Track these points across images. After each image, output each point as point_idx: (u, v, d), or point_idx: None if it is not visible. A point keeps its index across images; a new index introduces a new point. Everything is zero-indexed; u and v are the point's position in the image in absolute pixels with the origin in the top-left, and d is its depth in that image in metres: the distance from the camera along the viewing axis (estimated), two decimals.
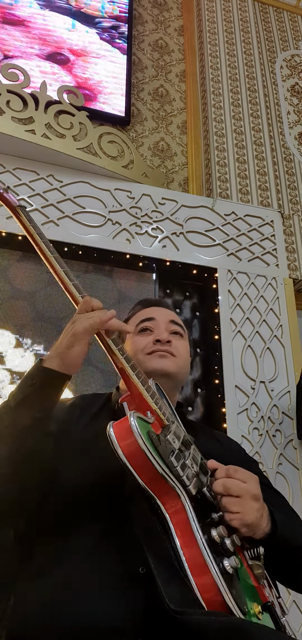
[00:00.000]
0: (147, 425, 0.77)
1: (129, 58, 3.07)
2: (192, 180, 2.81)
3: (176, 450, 0.79)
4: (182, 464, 0.77)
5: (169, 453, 0.77)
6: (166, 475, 0.73)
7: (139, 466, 0.72)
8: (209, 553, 0.68)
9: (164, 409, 0.88)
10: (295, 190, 2.89)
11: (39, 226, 1.03)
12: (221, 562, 0.69)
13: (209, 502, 0.79)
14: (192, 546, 0.69)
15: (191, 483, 0.76)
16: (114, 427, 0.74)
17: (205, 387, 2.29)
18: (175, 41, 3.34)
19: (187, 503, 0.73)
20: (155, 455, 0.72)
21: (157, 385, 0.97)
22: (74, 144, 2.44)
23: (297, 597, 1.88)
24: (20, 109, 2.41)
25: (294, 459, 2.13)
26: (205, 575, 0.67)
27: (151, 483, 0.73)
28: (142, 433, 0.72)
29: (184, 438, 0.86)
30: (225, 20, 3.26)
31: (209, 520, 0.75)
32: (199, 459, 0.85)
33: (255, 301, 2.40)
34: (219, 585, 0.66)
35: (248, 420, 2.14)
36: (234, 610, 0.65)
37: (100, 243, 2.33)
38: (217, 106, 2.92)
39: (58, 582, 0.74)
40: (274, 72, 3.30)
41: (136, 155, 2.62)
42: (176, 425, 0.87)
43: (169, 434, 0.81)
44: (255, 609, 0.71)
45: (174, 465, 0.75)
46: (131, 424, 0.73)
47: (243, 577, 0.75)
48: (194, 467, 0.81)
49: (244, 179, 2.75)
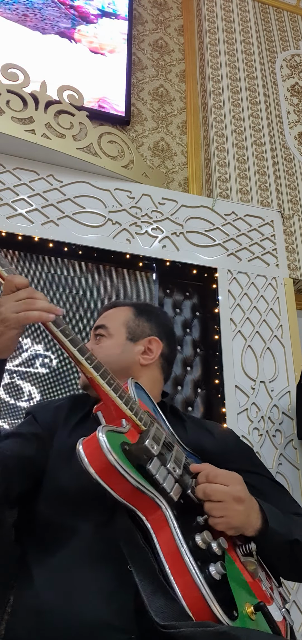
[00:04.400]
0: (120, 436, 0.75)
1: (129, 58, 3.06)
2: (192, 180, 2.81)
3: (154, 457, 0.76)
4: (162, 471, 0.75)
5: (146, 462, 0.74)
6: (143, 488, 0.71)
7: (114, 482, 0.70)
8: (193, 562, 0.66)
9: (141, 413, 0.85)
10: (295, 190, 2.89)
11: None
12: (207, 569, 0.67)
13: (194, 504, 0.78)
14: (175, 557, 0.68)
15: (172, 489, 0.74)
16: (83, 445, 0.72)
17: (205, 387, 2.29)
18: (175, 41, 3.34)
19: (168, 512, 0.71)
20: (128, 469, 0.70)
21: (137, 384, 0.94)
22: (74, 143, 2.44)
23: (298, 597, 1.88)
24: (20, 109, 2.41)
25: (294, 459, 2.13)
26: (190, 585, 0.65)
27: (128, 497, 0.71)
28: (113, 448, 0.69)
29: (165, 440, 0.83)
30: (225, 20, 3.26)
31: (195, 524, 0.74)
32: (183, 459, 0.83)
33: (255, 301, 2.40)
34: (204, 594, 0.64)
35: (248, 420, 2.14)
36: (221, 618, 0.63)
37: (100, 243, 2.33)
38: (217, 106, 2.92)
39: (50, 582, 0.75)
40: (274, 72, 3.30)
41: (136, 155, 2.62)
42: (157, 428, 0.85)
43: (147, 440, 0.78)
44: (247, 609, 0.70)
45: (152, 474, 0.73)
46: (99, 440, 0.70)
47: (235, 577, 0.73)
48: (176, 471, 0.78)
49: (244, 179, 2.75)
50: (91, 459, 0.70)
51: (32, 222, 2.26)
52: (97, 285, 2.37)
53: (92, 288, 2.35)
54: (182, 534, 0.69)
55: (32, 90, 2.50)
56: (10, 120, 2.34)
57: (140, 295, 2.41)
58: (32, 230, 2.24)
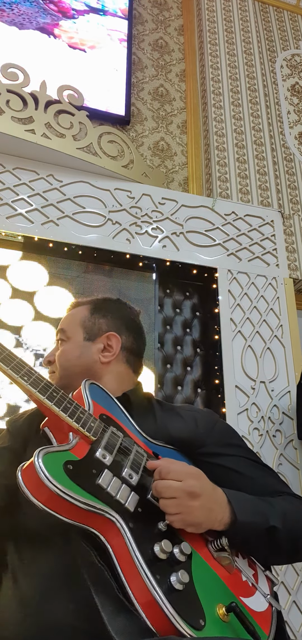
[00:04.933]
0: (63, 456, 0.71)
1: (129, 57, 3.06)
2: (192, 180, 2.81)
3: (106, 469, 0.73)
4: (115, 482, 0.72)
5: (95, 477, 0.71)
6: (92, 508, 0.67)
7: (61, 508, 0.66)
8: (150, 576, 0.63)
9: (91, 421, 0.79)
10: (295, 190, 2.89)
11: None
12: (168, 579, 0.65)
13: (156, 509, 0.74)
14: (132, 572, 0.65)
15: (127, 500, 0.71)
16: (22, 473, 0.67)
17: (205, 387, 2.29)
18: (175, 41, 3.33)
19: (122, 527, 0.68)
20: (73, 492, 0.66)
21: (93, 385, 0.90)
22: (74, 143, 2.44)
23: (297, 597, 1.88)
24: (20, 109, 2.41)
25: (294, 459, 2.12)
26: (149, 600, 0.63)
27: (80, 519, 0.68)
28: (53, 473, 0.65)
29: (121, 444, 0.80)
30: (225, 20, 3.26)
31: (156, 532, 0.71)
32: (143, 461, 0.80)
33: (255, 301, 2.40)
34: (163, 608, 0.61)
35: (248, 421, 2.14)
36: (183, 631, 0.61)
37: (100, 243, 2.33)
38: (217, 106, 2.92)
39: (25, 589, 0.75)
40: (274, 71, 3.30)
41: (136, 155, 2.62)
42: (111, 433, 0.81)
43: (98, 450, 0.75)
44: (219, 611, 0.67)
45: (104, 489, 0.70)
46: (36, 467, 0.65)
47: (205, 578, 0.71)
48: (133, 477, 0.75)
49: (244, 178, 2.75)
50: (33, 489, 0.66)
51: (32, 222, 2.25)
52: (97, 285, 2.37)
53: (92, 288, 2.35)
54: (139, 547, 0.66)
55: (32, 90, 2.50)
56: (10, 120, 2.34)
57: (141, 295, 2.41)
58: (32, 230, 2.23)
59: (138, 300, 2.39)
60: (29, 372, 0.82)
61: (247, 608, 0.72)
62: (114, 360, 1.02)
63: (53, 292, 2.28)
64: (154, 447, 0.88)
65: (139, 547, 0.66)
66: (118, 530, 0.68)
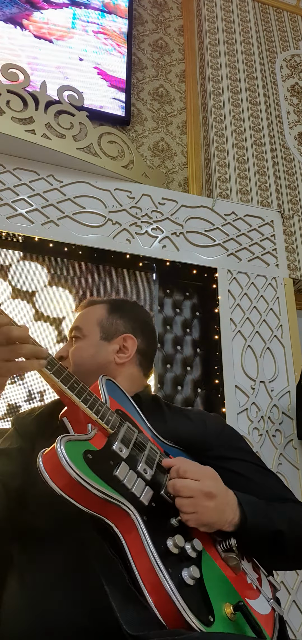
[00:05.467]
0: (83, 445, 0.72)
1: (129, 58, 3.07)
2: (192, 180, 2.81)
3: (123, 461, 0.74)
4: (131, 475, 0.73)
5: (113, 468, 0.72)
6: (108, 498, 0.68)
7: (79, 496, 0.67)
8: (163, 569, 0.65)
9: (109, 414, 0.81)
10: (295, 190, 2.89)
11: None
12: (179, 574, 0.66)
13: (168, 505, 0.76)
14: (146, 564, 0.66)
15: (142, 494, 0.72)
16: (43, 458, 0.68)
17: (205, 387, 2.29)
18: (175, 41, 3.34)
19: (137, 519, 0.69)
20: (92, 480, 0.67)
21: (109, 381, 0.91)
22: (74, 144, 2.44)
23: (297, 597, 1.89)
24: (20, 109, 2.41)
25: (294, 459, 2.13)
26: (161, 593, 0.64)
27: (96, 508, 0.69)
28: (74, 460, 0.67)
29: (136, 440, 0.81)
30: (225, 20, 3.26)
31: (169, 527, 0.72)
32: (157, 457, 0.81)
33: (255, 301, 2.40)
34: (175, 602, 0.62)
35: (248, 420, 2.14)
36: (194, 625, 0.62)
37: (100, 243, 2.33)
38: (217, 106, 2.92)
39: (33, 589, 0.75)
40: (274, 72, 3.30)
41: (136, 155, 2.62)
42: (127, 428, 0.82)
43: (115, 443, 0.76)
44: (226, 609, 0.68)
45: (120, 481, 0.71)
46: (58, 453, 0.66)
47: (214, 577, 0.72)
48: (148, 472, 0.76)
49: (244, 179, 2.75)
50: (53, 474, 0.67)
51: (32, 222, 2.26)
52: (97, 285, 2.38)
53: (92, 288, 2.35)
54: (153, 539, 0.67)
55: (32, 90, 2.50)
56: (11, 120, 2.34)
57: (140, 295, 2.41)
58: (32, 230, 2.24)
59: (138, 300, 2.37)
60: (51, 361, 0.83)
61: (251, 609, 0.73)
62: (128, 362, 1.03)
63: (53, 292, 2.29)
64: (165, 447, 0.90)
65: (153, 539, 0.67)
66: (132, 522, 0.69)
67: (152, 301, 2.41)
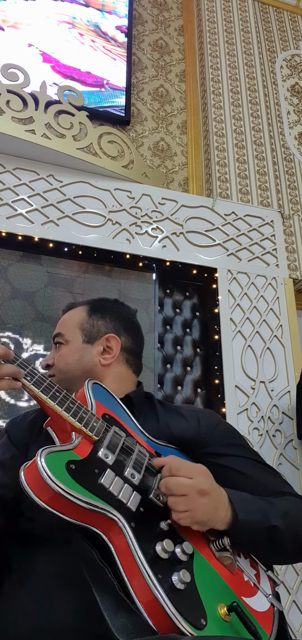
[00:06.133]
0: (66, 455, 0.71)
1: (129, 58, 3.07)
2: (192, 180, 2.81)
3: (108, 468, 0.73)
4: (117, 482, 0.72)
5: (98, 477, 0.71)
6: (94, 507, 0.67)
7: (63, 507, 0.66)
8: (152, 575, 0.64)
9: (94, 420, 0.80)
10: (295, 190, 2.89)
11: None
12: (169, 579, 0.65)
13: (158, 508, 0.75)
14: (134, 571, 0.65)
15: (129, 500, 0.71)
16: (25, 473, 0.67)
17: (205, 387, 2.29)
18: (175, 41, 3.34)
19: (124, 526, 0.68)
20: (75, 491, 0.66)
21: (96, 385, 0.90)
22: (74, 144, 2.44)
23: (297, 597, 1.88)
24: (20, 109, 2.41)
25: (294, 459, 2.13)
26: (150, 599, 0.63)
27: (82, 518, 0.68)
28: (56, 472, 0.65)
29: (123, 444, 0.80)
30: (225, 20, 3.26)
31: (158, 531, 0.71)
32: (146, 461, 0.80)
33: (255, 301, 2.40)
34: (165, 607, 0.62)
35: (248, 420, 2.14)
36: (185, 630, 0.61)
37: (100, 243, 2.33)
38: (217, 106, 2.92)
39: (28, 592, 0.75)
40: (274, 72, 3.30)
41: (136, 155, 2.62)
42: (114, 433, 0.81)
43: (101, 450, 0.75)
44: (220, 610, 0.67)
45: (106, 488, 0.70)
46: (38, 467, 0.65)
47: (207, 578, 0.71)
48: (136, 477, 0.75)
49: (244, 179, 2.75)
50: (35, 489, 0.65)
51: (32, 222, 2.26)
52: (97, 285, 2.38)
53: (92, 288, 2.35)
54: (141, 546, 0.67)
55: (32, 90, 2.50)
56: (10, 120, 2.34)
57: (141, 295, 2.41)
58: (32, 230, 2.24)
59: (138, 300, 2.40)
60: (31, 372, 0.82)
61: (249, 608, 0.72)
62: (114, 362, 1.02)
63: (53, 292, 2.29)
64: (157, 447, 0.88)
65: (141, 546, 0.67)
66: (120, 529, 0.68)
67: (152, 301, 2.41)
